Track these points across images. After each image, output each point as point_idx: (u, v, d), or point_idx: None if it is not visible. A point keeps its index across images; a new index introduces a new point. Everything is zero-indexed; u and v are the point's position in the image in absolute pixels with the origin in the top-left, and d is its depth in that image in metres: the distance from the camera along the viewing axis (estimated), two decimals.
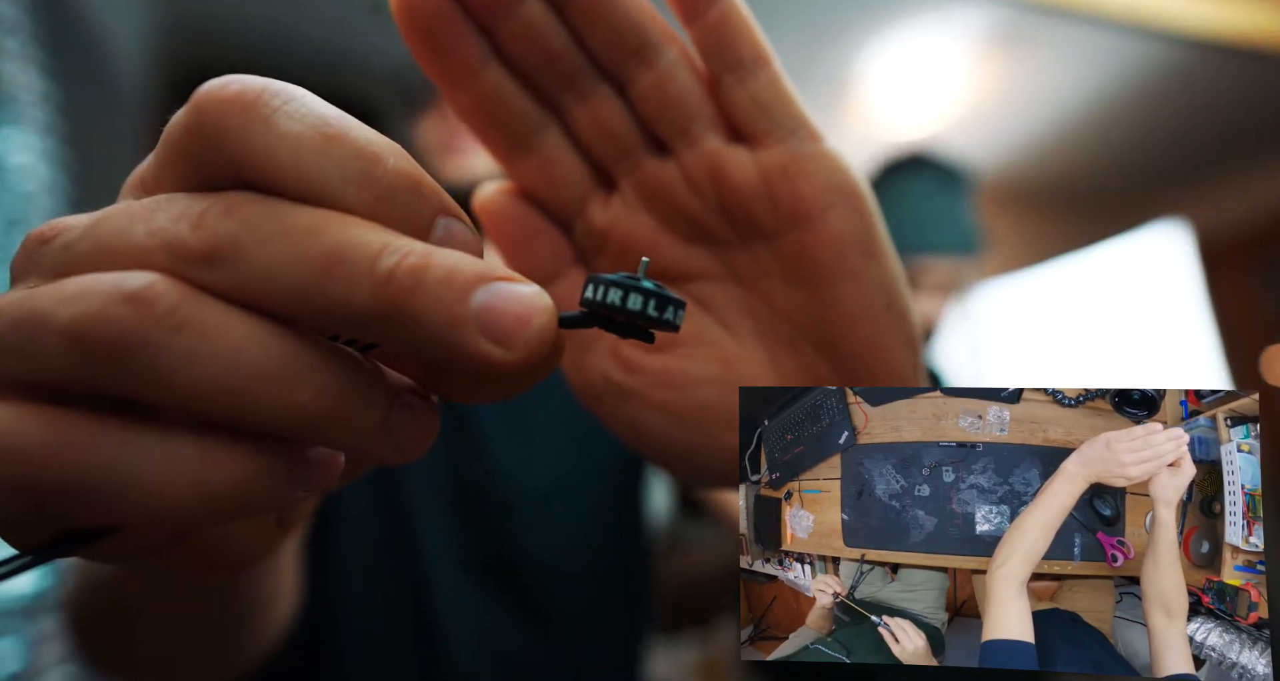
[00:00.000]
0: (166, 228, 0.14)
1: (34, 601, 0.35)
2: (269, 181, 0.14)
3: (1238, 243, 2.62)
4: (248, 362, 0.13)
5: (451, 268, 0.14)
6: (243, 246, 0.13)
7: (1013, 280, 2.70)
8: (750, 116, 0.21)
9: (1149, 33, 1.74)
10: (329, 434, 0.14)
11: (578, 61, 0.21)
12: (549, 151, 0.23)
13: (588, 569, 0.66)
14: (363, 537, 0.60)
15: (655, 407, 0.24)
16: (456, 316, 0.13)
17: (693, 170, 0.22)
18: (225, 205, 0.14)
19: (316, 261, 0.13)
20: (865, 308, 0.22)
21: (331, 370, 0.14)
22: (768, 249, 0.23)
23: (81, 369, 0.13)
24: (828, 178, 0.22)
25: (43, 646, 0.34)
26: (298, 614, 0.40)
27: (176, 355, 0.13)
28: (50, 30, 0.44)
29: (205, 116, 0.14)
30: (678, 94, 0.21)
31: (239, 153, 0.14)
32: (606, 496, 0.69)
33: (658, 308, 0.16)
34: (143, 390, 0.13)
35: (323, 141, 0.14)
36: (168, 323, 0.13)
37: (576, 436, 0.67)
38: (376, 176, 0.14)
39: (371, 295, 0.13)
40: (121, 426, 0.13)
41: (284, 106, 0.14)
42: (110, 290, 0.13)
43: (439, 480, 0.62)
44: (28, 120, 0.38)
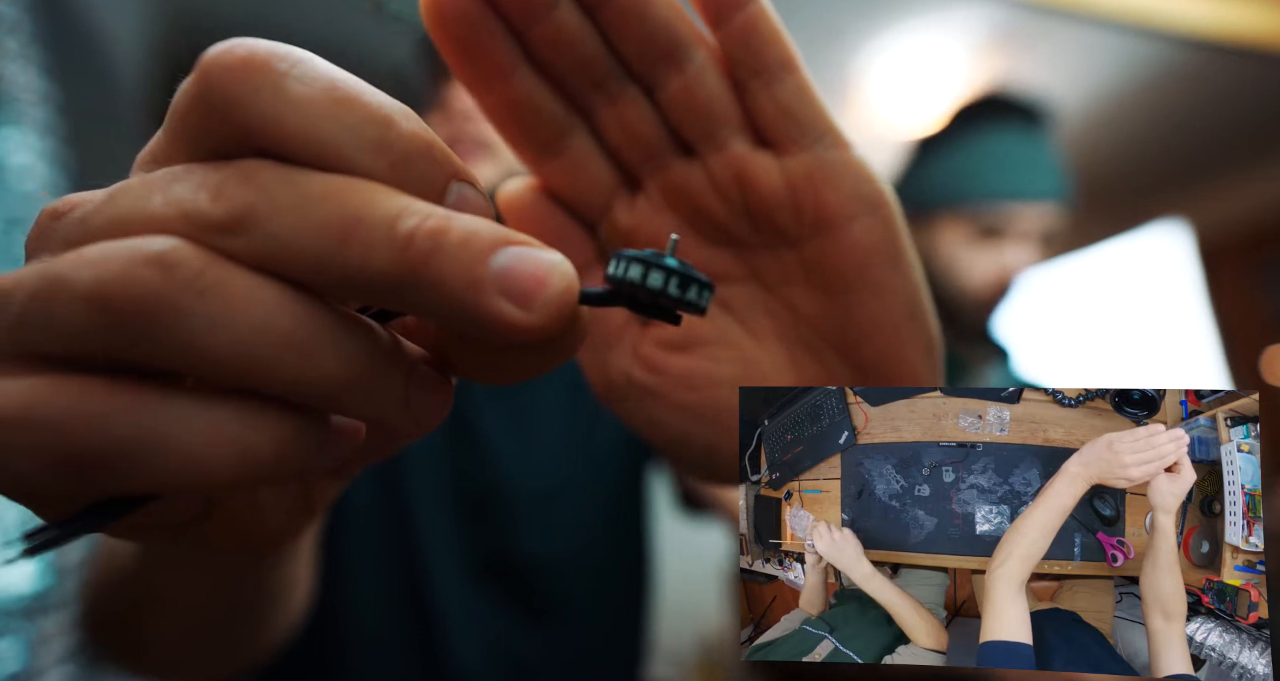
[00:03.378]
0: (185, 197, 0.14)
1: (34, 601, 0.35)
2: (281, 148, 0.14)
3: (1238, 243, 2.62)
4: (274, 329, 0.13)
5: (471, 230, 0.14)
6: (261, 214, 0.13)
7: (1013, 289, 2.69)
8: (776, 123, 0.21)
9: (1149, 33, 1.74)
10: (352, 402, 0.15)
11: (607, 65, 0.21)
12: (576, 153, 0.23)
13: (590, 570, 0.66)
14: (366, 539, 0.60)
15: (676, 408, 0.24)
16: (476, 278, 0.13)
17: (718, 175, 0.22)
18: (242, 173, 0.14)
19: (335, 227, 0.13)
20: (888, 317, 0.22)
21: (355, 338, 0.14)
22: (791, 254, 0.23)
23: (106, 335, 0.13)
24: (853, 187, 0.22)
25: (43, 646, 0.34)
26: (309, 609, 0.40)
27: (202, 320, 0.13)
28: (50, 30, 0.44)
29: (213, 84, 0.14)
30: (706, 99, 0.21)
31: (249, 119, 0.14)
32: (609, 498, 0.69)
33: (680, 287, 0.16)
34: (168, 357, 0.13)
35: (334, 105, 0.14)
36: (194, 287, 0.13)
37: (579, 438, 0.67)
38: (390, 141, 0.14)
39: (391, 259, 0.13)
40: (158, 391, 0.13)
41: (292, 70, 0.14)
42: (133, 253, 0.13)
43: (442, 482, 0.62)
44: (28, 120, 0.38)
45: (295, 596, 0.36)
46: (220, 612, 0.33)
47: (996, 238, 0.91)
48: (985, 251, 0.91)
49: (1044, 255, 0.95)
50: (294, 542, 0.28)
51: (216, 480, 0.14)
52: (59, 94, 0.42)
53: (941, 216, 0.93)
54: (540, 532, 0.64)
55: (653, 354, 0.24)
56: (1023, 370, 0.99)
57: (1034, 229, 0.91)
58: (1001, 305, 0.94)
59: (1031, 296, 1.00)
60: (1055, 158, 0.93)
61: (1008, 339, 0.99)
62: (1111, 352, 2.82)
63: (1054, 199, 0.90)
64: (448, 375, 0.17)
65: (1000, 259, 0.91)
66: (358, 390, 0.14)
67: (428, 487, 0.62)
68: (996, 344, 0.97)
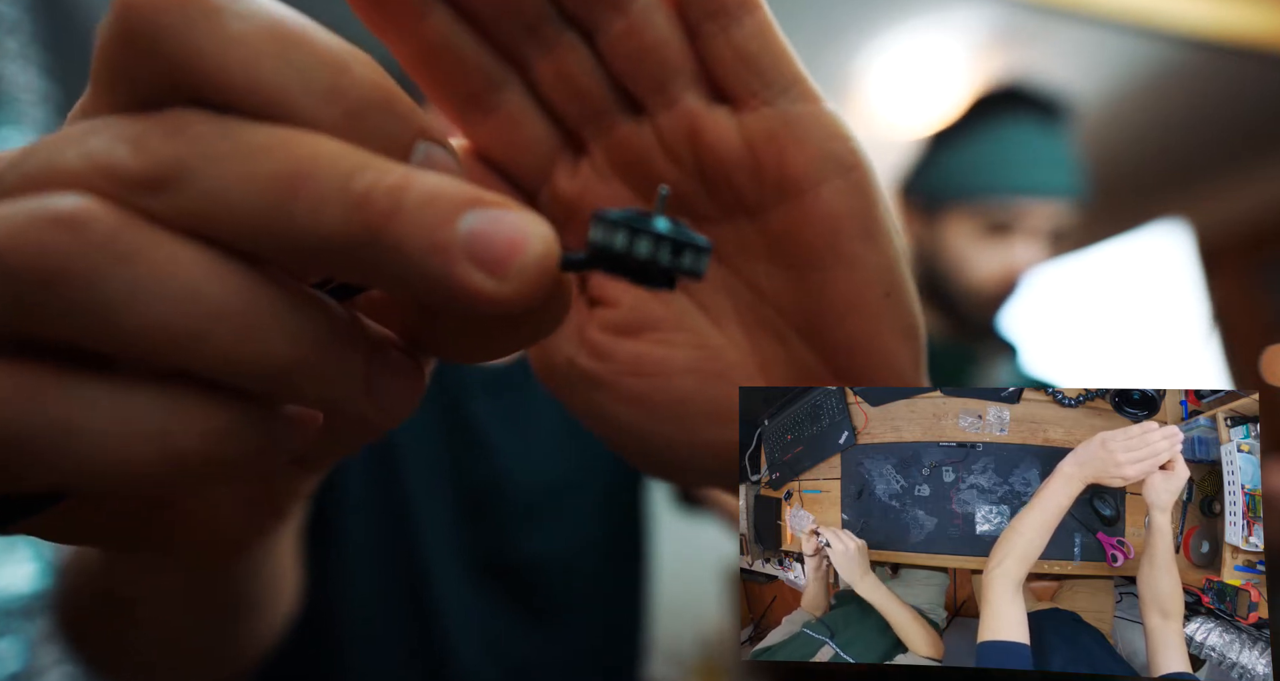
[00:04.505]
0: (100, 150, 0.12)
1: (34, 601, 0.35)
2: (218, 93, 0.12)
3: (1238, 243, 2.62)
4: (204, 300, 0.12)
5: (435, 188, 0.12)
6: (190, 168, 0.12)
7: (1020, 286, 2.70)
8: (733, 72, 0.18)
9: (1149, 33, 1.74)
10: (302, 388, 0.13)
11: (540, 6, 0.18)
12: (509, 110, 0.20)
13: (589, 569, 0.66)
14: (364, 538, 0.60)
15: (626, 398, 0.21)
16: (440, 242, 0.12)
17: (669, 134, 0.19)
18: (169, 123, 0.12)
19: (278, 181, 0.12)
20: (860, 296, 0.19)
21: (303, 315, 0.13)
22: (751, 225, 0.20)
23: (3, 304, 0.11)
24: (821, 146, 0.18)
25: (43, 646, 0.34)
26: (297, 615, 0.40)
27: (119, 289, 0.11)
28: (50, 30, 0.44)
29: (138, 17, 0.12)
30: (653, 43, 0.18)
31: (179, 59, 0.12)
32: (608, 496, 0.69)
33: (672, 253, 0.14)
34: (81, 333, 0.11)
35: (278, 44, 0.12)
36: (107, 250, 0.11)
37: (578, 436, 0.67)
38: (344, 88, 0.12)
39: (343, 218, 0.12)
40: (69, 375, 0.12)
41: (230, 4, 0.12)
42: (33, 212, 0.11)
43: (441, 480, 0.62)
44: (28, 120, 0.38)
45: (278, 601, 0.35)
46: (196, 621, 0.32)
47: (1006, 233, 0.90)
48: (994, 247, 0.91)
49: (1054, 253, 0.94)
50: (264, 545, 0.26)
51: (133, 476, 0.12)
52: (59, 94, 0.42)
53: (952, 210, 0.92)
54: (539, 532, 0.64)
55: (599, 338, 0.21)
56: (1030, 366, 0.99)
57: (1044, 225, 0.90)
58: (1009, 301, 0.93)
59: (1037, 294, 0.99)
60: (1070, 153, 0.91)
61: (1015, 335, 0.98)
62: (1111, 352, 2.82)
63: (1067, 195, 0.89)
64: (419, 358, 0.16)
65: (1009, 255, 0.90)
66: (308, 374, 0.13)
67: (426, 486, 0.62)
68: (1004, 339, 0.97)
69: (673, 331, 0.21)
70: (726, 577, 2.21)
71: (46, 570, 0.36)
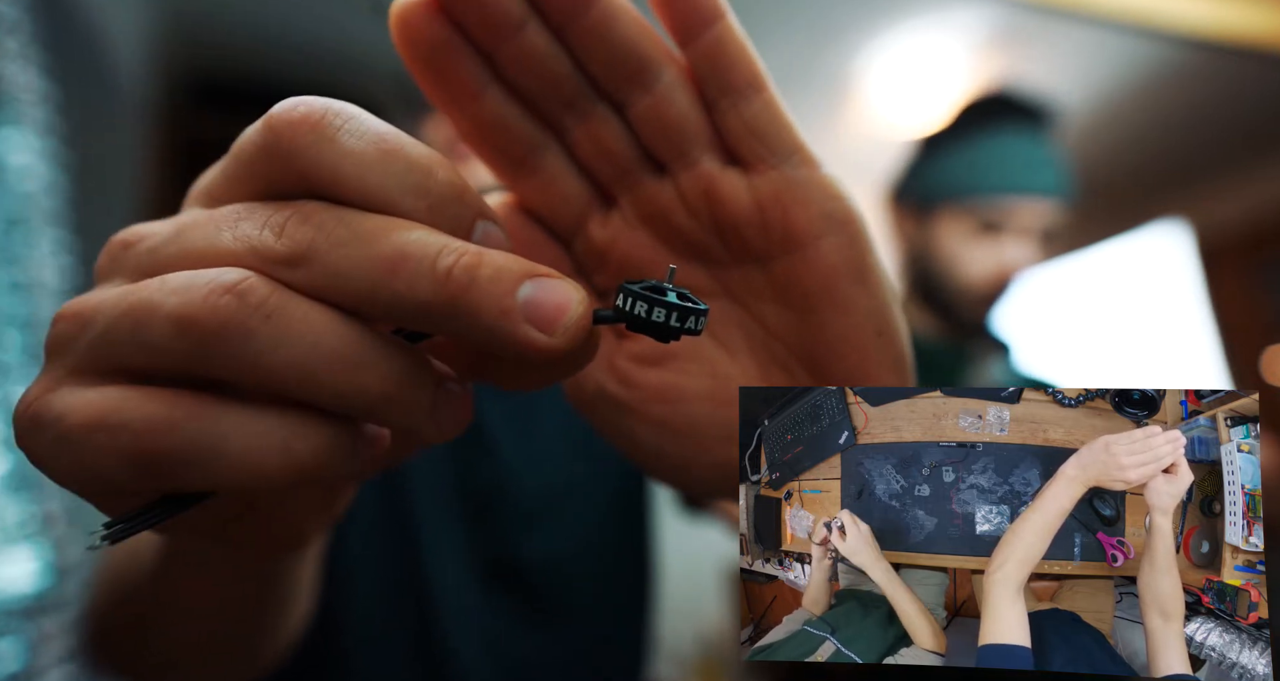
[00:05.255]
0: (251, 234, 0.16)
1: (34, 601, 0.35)
2: (336, 192, 0.16)
3: (1238, 243, 2.62)
4: (325, 348, 0.15)
5: (501, 265, 0.16)
6: (319, 249, 0.15)
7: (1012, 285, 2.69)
8: (744, 141, 0.21)
9: (1149, 33, 1.74)
10: (387, 413, 0.16)
11: (577, 84, 0.22)
12: (549, 171, 0.23)
13: (593, 571, 0.66)
14: (369, 541, 0.60)
15: (649, 422, 0.24)
16: (506, 307, 0.16)
17: (689, 192, 0.22)
18: (302, 213, 0.16)
19: (384, 261, 0.15)
20: (854, 335, 0.22)
21: (392, 357, 0.16)
22: (760, 271, 0.23)
23: (184, 352, 0.15)
24: (820, 205, 0.22)
25: (43, 646, 0.34)
26: (311, 616, 0.40)
27: (266, 340, 0.15)
28: (50, 30, 0.44)
29: (279, 137, 0.16)
30: (675, 117, 0.21)
31: (309, 168, 0.16)
32: (612, 500, 0.69)
33: (679, 319, 0.18)
34: (236, 372, 0.15)
35: (382, 156, 0.16)
36: (261, 312, 0.15)
37: (583, 440, 0.67)
38: (429, 186, 0.16)
39: (433, 290, 0.15)
40: (218, 402, 0.15)
41: (346, 125, 0.16)
42: (212, 283, 0.15)
43: (446, 484, 0.62)
44: (28, 120, 0.38)
45: (300, 604, 0.36)
46: (230, 621, 0.33)
47: (996, 232, 0.91)
48: (985, 246, 0.92)
49: (1046, 253, 0.95)
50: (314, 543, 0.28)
51: (265, 480, 0.15)
52: (59, 94, 0.42)
53: (943, 211, 0.94)
54: (543, 533, 0.64)
55: (626, 367, 0.24)
56: (1024, 365, 1.00)
57: (1034, 224, 0.91)
58: (1001, 300, 0.94)
59: (1032, 294, 1.00)
60: (1057, 155, 0.94)
61: (1009, 334, 0.99)
62: (1111, 352, 2.82)
63: (1055, 194, 0.91)
64: (468, 389, 0.19)
65: (1000, 254, 0.91)
66: (393, 403, 0.16)
67: (430, 488, 0.62)
68: (996, 338, 0.98)
69: (691, 362, 0.24)
70: (727, 578, 2.21)
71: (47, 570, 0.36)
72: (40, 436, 0.15)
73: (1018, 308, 0.99)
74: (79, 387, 0.15)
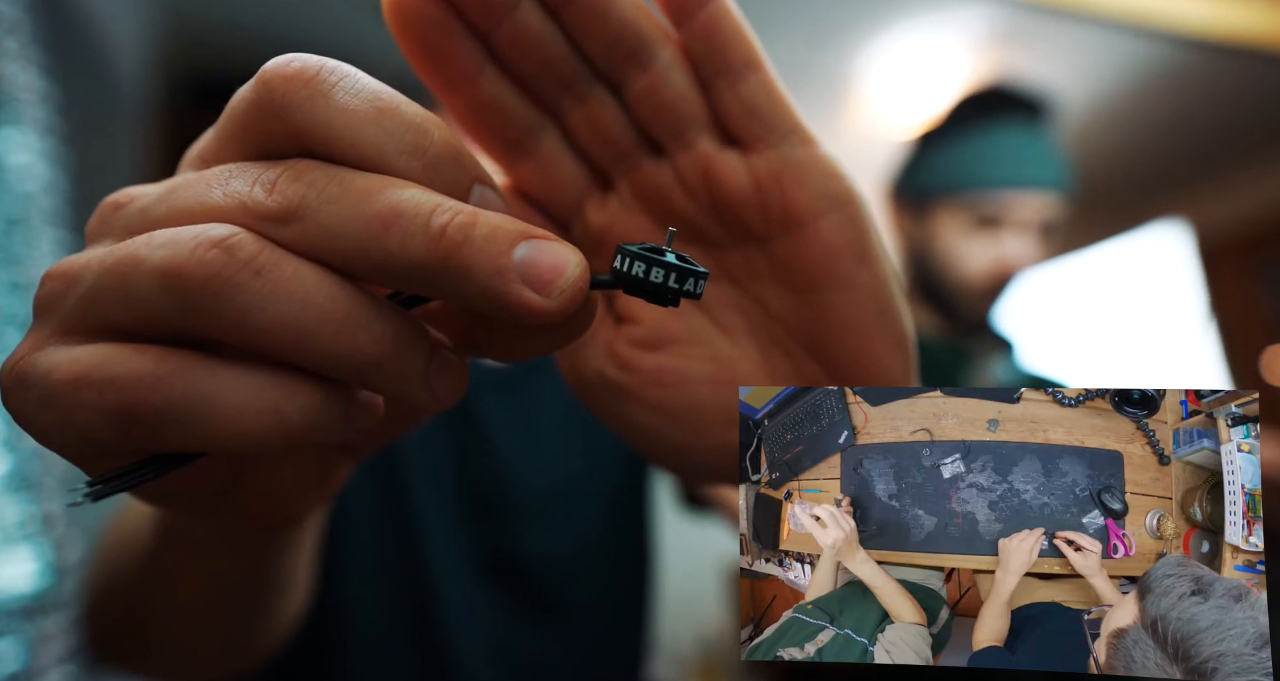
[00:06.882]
0: (242, 190, 0.15)
1: (34, 601, 0.35)
2: (329, 150, 0.16)
3: (1238, 243, 2.62)
4: (316, 307, 0.15)
5: (495, 224, 0.15)
6: (311, 206, 0.15)
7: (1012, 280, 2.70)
8: (741, 121, 0.21)
9: (1149, 33, 1.74)
10: (379, 377, 0.16)
11: (573, 65, 0.21)
12: (546, 154, 0.23)
13: (593, 568, 0.66)
14: (369, 537, 0.60)
15: (649, 406, 0.24)
16: (501, 267, 0.15)
17: (686, 173, 0.22)
18: (294, 171, 0.16)
19: (376, 219, 0.15)
20: (856, 315, 0.22)
21: (385, 320, 0.16)
22: (760, 252, 0.23)
23: (171, 308, 0.14)
24: (820, 185, 0.21)
25: (43, 646, 0.34)
26: (309, 609, 0.40)
27: (256, 297, 0.14)
28: (50, 30, 0.44)
29: (272, 92, 0.16)
30: (672, 98, 0.21)
31: (302, 124, 0.16)
32: (612, 496, 0.69)
33: (678, 280, 0.17)
34: (223, 329, 0.15)
35: (377, 114, 0.16)
36: (250, 267, 0.14)
37: (583, 436, 0.67)
38: (425, 146, 0.16)
39: (426, 249, 0.15)
40: (208, 360, 0.15)
41: (341, 82, 0.16)
42: (199, 237, 0.14)
43: (446, 479, 0.62)
44: (28, 120, 0.38)
45: (297, 588, 0.36)
46: (228, 604, 0.33)
47: (994, 227, 0.91)
48: (983, 240, 0.91)
49: (1045, 249, 0.94)
50: (306, 521, 0.28)
51: (253, 441, 0.15)
52: (59, 94, 0.42)
53: (941, 205, 0.93)
54: (543, 531, 0.64)
55: (625, 351, 0.24)
56: (1026, 361, 0.99)
57: (1032, 218, 0.91)
58: (1001, 295, 0.93)
59: (1033, 292, 0.99)
60: (1056, 149, 0.93)
61: (1010, 331, 0.98)
62: (1111, 352, 2.82)
63: (1054, 188, 0.90)
64: (464, 357, 0.19)
65: (998, 248, 0.91)
66: (385, 366, 0.16)
67: (430, 486, 0.62)
68: (997, 334, 0.97)
69: (691, 345, 0.24)
70: (727, 577, 2.21)
71: (47, 570, 0.36)
72: (25, 394, 0.15)
73: (1019, 304, 0.98)
74: (65, 346, 0.15)
